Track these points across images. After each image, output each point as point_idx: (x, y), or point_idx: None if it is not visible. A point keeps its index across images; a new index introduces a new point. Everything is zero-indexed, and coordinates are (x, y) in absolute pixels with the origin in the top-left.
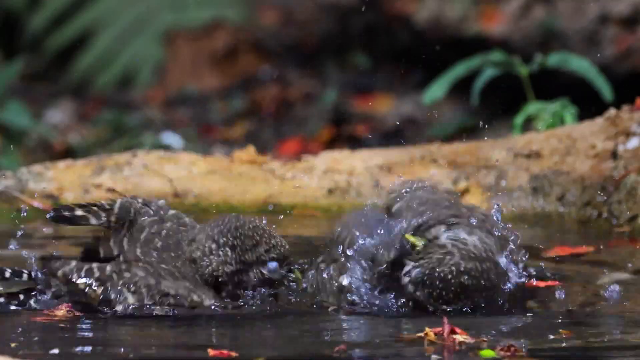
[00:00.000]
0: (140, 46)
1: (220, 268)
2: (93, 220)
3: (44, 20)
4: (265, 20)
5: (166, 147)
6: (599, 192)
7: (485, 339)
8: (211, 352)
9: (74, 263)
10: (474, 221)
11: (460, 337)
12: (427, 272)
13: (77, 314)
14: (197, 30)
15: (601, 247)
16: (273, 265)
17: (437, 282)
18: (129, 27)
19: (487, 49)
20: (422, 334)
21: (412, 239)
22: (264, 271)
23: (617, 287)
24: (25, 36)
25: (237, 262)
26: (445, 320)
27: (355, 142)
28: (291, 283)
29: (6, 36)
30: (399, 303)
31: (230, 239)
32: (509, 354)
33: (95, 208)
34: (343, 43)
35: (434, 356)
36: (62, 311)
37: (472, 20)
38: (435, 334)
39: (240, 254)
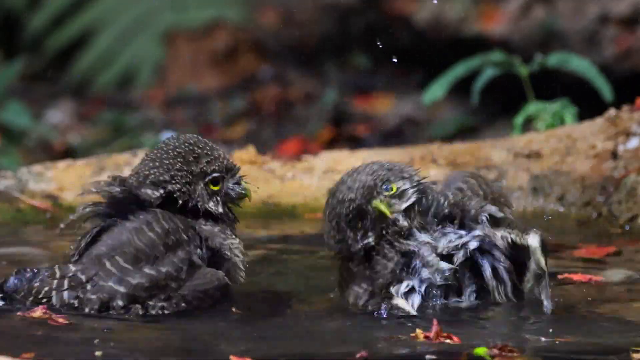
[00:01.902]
0: (140, 46)
1: (173, 180)
2: None
3: (44, 20)
4: (265, 20)
5: None
6: (599, 192)
7: (480, 338)
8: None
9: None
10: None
11: (452, 338)
12: None
13: (55, 315)
14: (197, 30)
15: (600, 248)
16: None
17: None
18: (129, 27)
19: (487, 49)
20: (429, 334)
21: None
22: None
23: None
24: (25, 36)
25: (184, 175)
26: (435, 322)
27: (355, 142)
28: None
29: (6, 36)
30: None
31: (171, 154)
32: (502, 353)
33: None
34: (343, 43)
35: (428, 356)
36: (38, 312)
37: (472, 20)
38: (426, 337)
39: (186, 167)
